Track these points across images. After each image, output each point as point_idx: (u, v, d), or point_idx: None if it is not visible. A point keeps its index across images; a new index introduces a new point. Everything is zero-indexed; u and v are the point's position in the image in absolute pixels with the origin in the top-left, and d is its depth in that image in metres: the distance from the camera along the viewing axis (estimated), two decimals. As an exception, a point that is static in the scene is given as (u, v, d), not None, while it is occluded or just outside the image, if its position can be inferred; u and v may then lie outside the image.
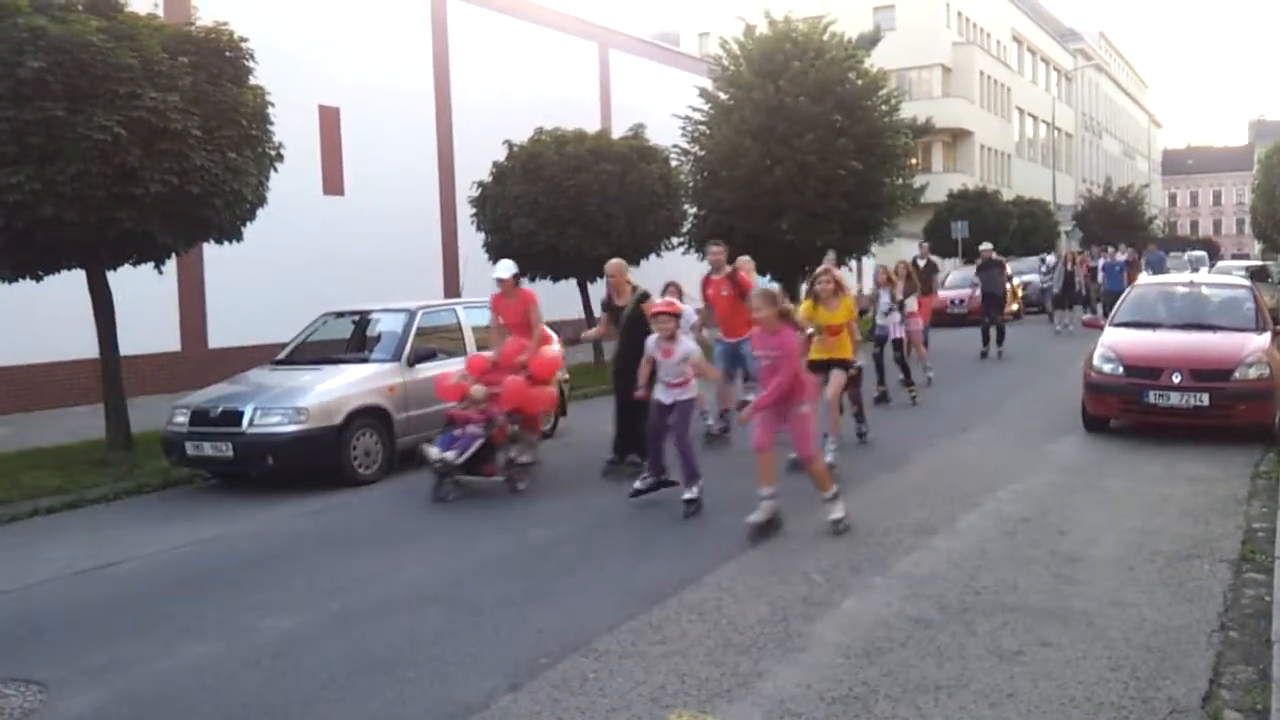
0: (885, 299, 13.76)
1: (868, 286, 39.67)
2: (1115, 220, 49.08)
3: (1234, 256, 62.78)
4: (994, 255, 19.61)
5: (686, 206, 20.24)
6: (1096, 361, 10.70)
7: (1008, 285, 26.01)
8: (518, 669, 4.82)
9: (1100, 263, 25.51)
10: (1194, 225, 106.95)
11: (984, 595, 5.71)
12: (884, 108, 21.64)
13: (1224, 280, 14.36)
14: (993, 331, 18.80)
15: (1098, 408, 10.71)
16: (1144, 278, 17.38)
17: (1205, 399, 9.91)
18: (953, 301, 25.65)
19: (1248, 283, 13.19)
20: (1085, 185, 63.05)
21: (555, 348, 10.75)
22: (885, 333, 13.70)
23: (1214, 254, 55.07)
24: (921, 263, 19.04)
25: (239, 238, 10.89)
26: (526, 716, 4.35)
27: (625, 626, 5.34)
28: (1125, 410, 10.52)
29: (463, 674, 4.83)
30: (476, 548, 7.13)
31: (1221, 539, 6.77)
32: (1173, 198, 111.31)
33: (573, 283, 18.50)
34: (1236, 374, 9.99)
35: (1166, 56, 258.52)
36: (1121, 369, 10.43)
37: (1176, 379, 10.02)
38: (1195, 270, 28.16)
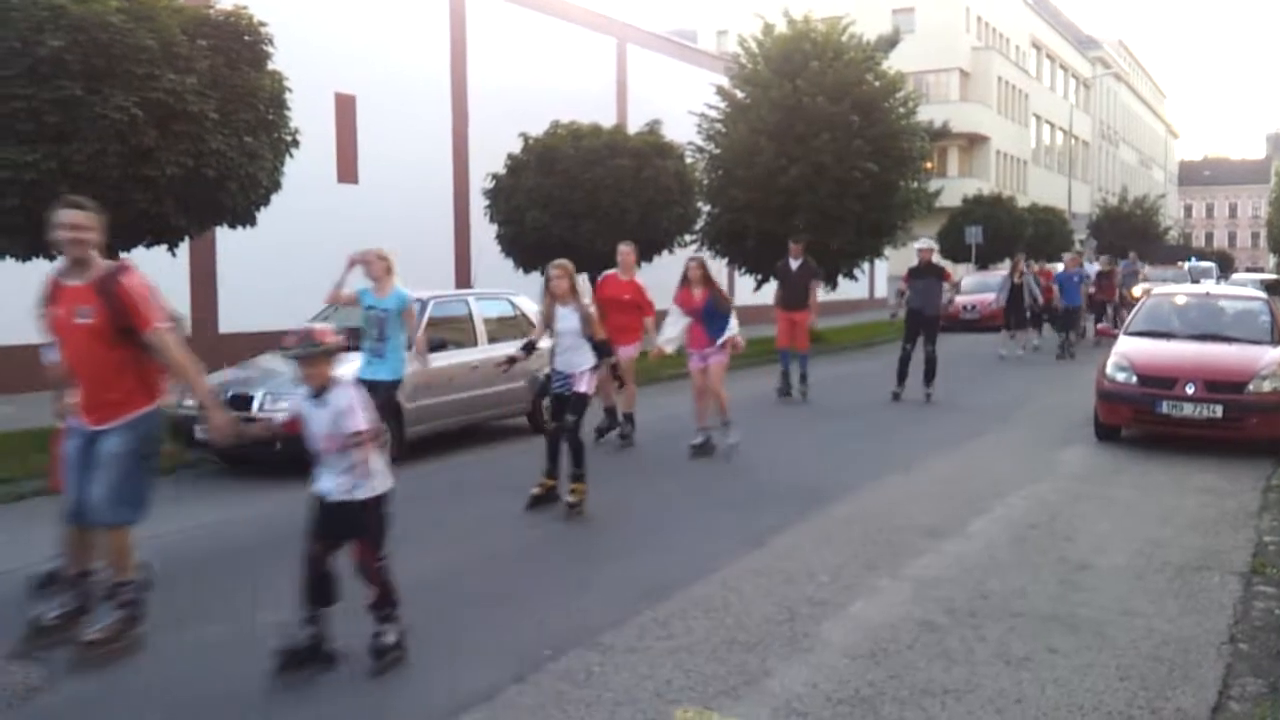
0: (570, 320, 7.89)
1: (881, 290, 39.79)
2: (1130, 230, 48.92)
3: (1249, 269, 62.42)
4: (934, 260, 13.90)
5: (700, 204, 20.20)
6: (1110, 370, 10.64)
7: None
8: (522, 661, 4.80)
9: (1060, 274, 21.38)
10: (1209, 237, 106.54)
11: (992, 600, 5.68)
12: (901, 110, 21.56)
13: (1240, 292, 14.30)
14: (922, 363, 13.46)
15: (1110, 416, 10.65)
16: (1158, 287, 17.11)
17: (1219, 411, 9.85)
18: (965, 308, 25.71)
19: (1264, 295, 13.12)
20: (1101, 194, 62.82)
21: None
22: (565, 387, 8.01)
23: (1228, 266, 54.73)
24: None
25: (252, 222, 10.88)
26: (531, 708, 4.34)
27: (631, 622, 5.31)
28: (1137, 420, 10.46)
29: (466, 664, 4.81)
30: (480, 540, 7.11)
31: (1232, 551, 6.74)
32: (1188, 209, 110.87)
33: (584, 277, 18.44)
34: (1251, 387, 9.94)
35: (1185, 67, 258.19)
36: (1135, 378, 10.37)
37: (1190, 390, 9.97)
38: (1197, 283, 27.73)
